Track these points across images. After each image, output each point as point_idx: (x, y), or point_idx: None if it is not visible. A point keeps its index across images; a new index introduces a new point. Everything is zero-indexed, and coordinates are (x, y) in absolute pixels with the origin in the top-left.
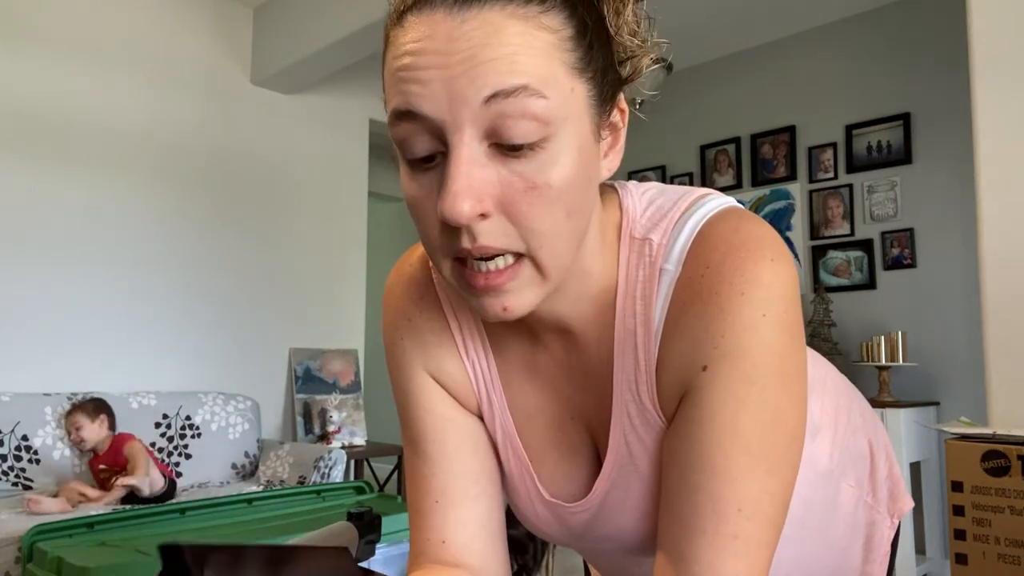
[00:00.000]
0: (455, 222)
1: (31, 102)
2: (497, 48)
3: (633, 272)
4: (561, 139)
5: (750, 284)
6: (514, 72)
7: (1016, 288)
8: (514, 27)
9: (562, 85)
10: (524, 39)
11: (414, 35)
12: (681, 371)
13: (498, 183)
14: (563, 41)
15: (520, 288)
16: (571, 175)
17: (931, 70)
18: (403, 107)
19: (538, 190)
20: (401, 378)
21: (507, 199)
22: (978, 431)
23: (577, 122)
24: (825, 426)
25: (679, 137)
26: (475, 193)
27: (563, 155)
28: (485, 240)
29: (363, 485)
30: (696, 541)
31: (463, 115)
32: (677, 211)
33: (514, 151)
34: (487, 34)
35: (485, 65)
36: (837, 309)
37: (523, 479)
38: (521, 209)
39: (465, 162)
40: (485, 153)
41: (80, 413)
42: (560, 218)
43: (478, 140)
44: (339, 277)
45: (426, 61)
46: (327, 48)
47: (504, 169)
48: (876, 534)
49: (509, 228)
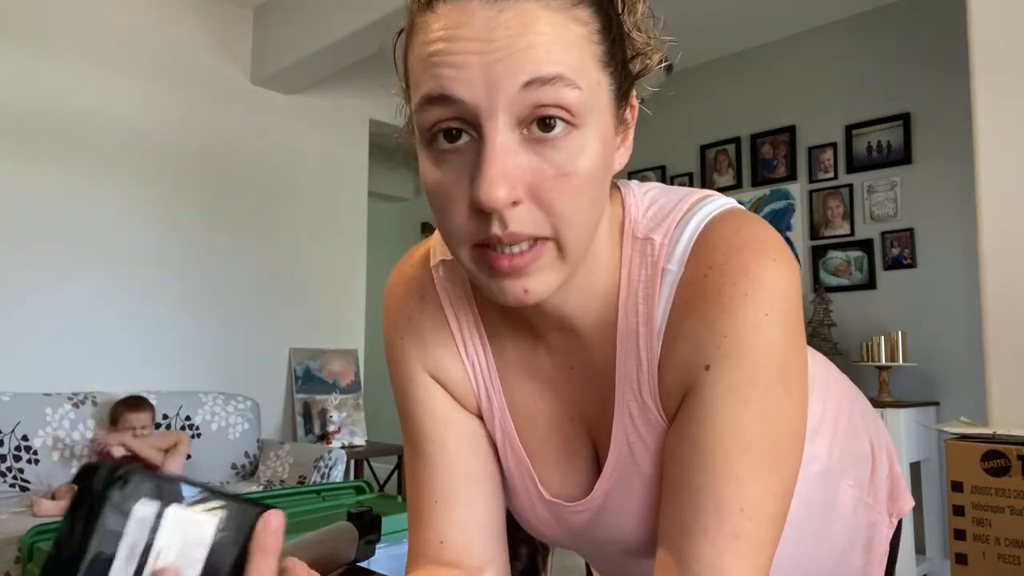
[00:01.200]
0: (492, 207)
1: (30, 102)
2: (533, 37)
3: (636, 272)
4: (589, 129)
5: (753, 284)
6: (551, 61)
7: (1016, 288)
8: (549, 18)
9: (591, 77)
10: (558, 30)
11: (448, 21)
12: (684, 370)
13: (529, 170)
14: (592, 34)
15: (541, 270)
16: (596, 164)
17: (931, 70)
18: (437, 91)
19: (567, 177)
20: (401, 378)
21: (537, 186)
22: (978, 431)
23: (601, 114)
24: (825, 426)
25: (679, 137)
26: (510, 180)
27: (590, 144)
28: (515, 227)
29: (363, 485)
30: (697, 541)
31: (499, 101)
32: (679, 212)
33: (545, 139)
34: (524, 23)
35: (523, 52)
36: (837, 309)
37: (522, 479)
38: (552, 196)
39: (500, 148)
40: (517, 140)
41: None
42: (585, 204)
43: (511, 127)
44: (339, 277)
45: (463, 47)
46: (327, 48)
47: (535, 156)
48: (876, 534)
49: (538, 214)
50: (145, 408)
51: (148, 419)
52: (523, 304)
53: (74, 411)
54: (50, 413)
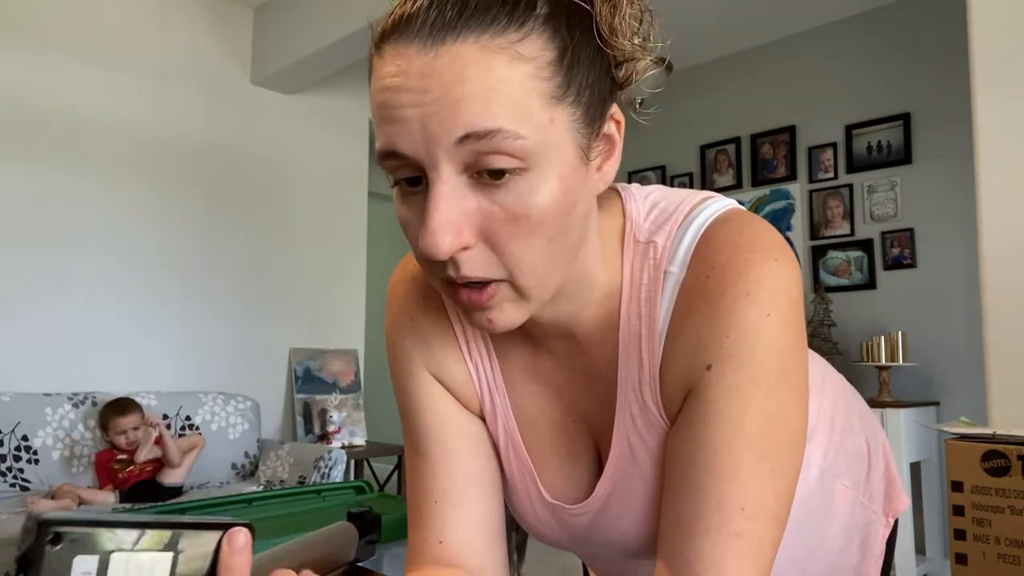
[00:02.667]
0: (435, 257)
1: (30, 101)
2: (469, 85)
3: (637, 275)
4: (541, 169)
5: (755, 285)
6: (487, 114)
7: (1016, 288)
8: (487, 62)
9: (539, 118)
10: (497, 74)
11: (391, 69)
12: (685, 371)
13: (479, 213)
14: (540, 69)
15: (501, 305)
16: (551, 202)
17: (931, 70)
18: (384, 147)
19: (518, 220)
20: (403, 378)
21: (488, 229)
22: (978, 431)
23: (558, 149)
24: (822, 426)
25: (679, 137)
26: (454, 228)
27: (542, 184)
28: (467, 270)
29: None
30: (699, 540)
31: (438, 153)
32: (680, 214)
33: (494, 181)
34: (460, 69)
35: (456, 105)
36: (837, 309)
37: (524, 480)
38: (502, 239)
39: (443, 198)
40: (465, 184)
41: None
42: (540, 245)
43: (457, 173)
44: (339, 277)
45: (401, 99)
46: (327, 48)
47: (485, 199)
48: (872, 534)
49: (491, 256)
50: (132, 410)
51: (137, 420)
52: (493, 332)
53: (74, 411)
54: (50, 413)
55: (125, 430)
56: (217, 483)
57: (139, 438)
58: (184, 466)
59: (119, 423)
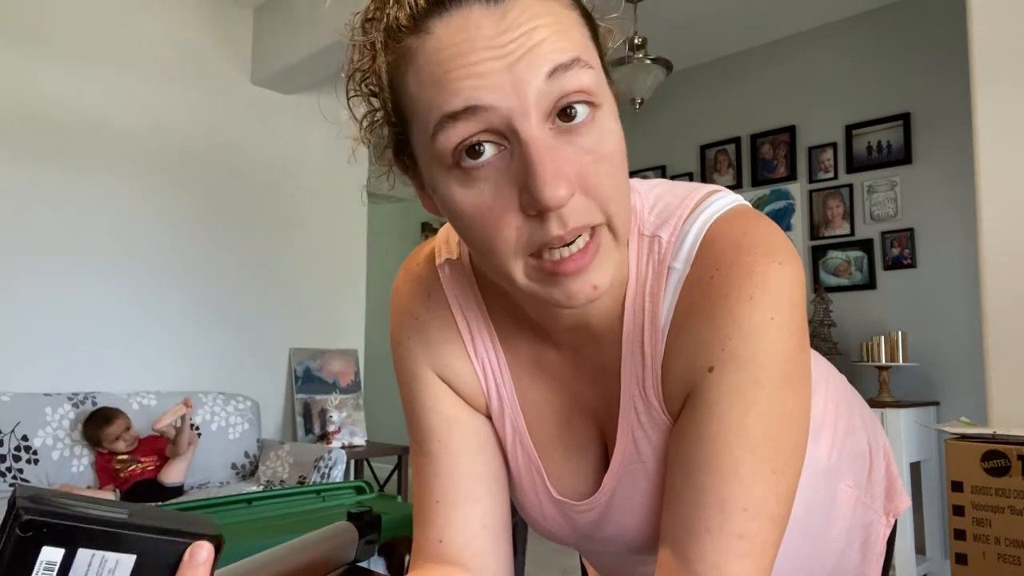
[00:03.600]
0: (558, 205)
1: (30, 102)
2: (544, 29)
3: (643, 269)
4: (605, 108)
5: (759, 288)
6: (566, 47)
7: (1016, 288)
8: (550, 8)
9: (594, 56)
10: (561, 17)
11: (453, 37)
12: (687, 371)
13: (572, 161)
14: (582, 17)
15: (602, 261)
16: (620, 140)
17: (931, 70)
18: (462, 104)
19: (604, 160)
20: (407, 377)
21: (582, 175)
22: (978, 431)
23: (608, 91)
24: (825, 427)
25: (679, 137)
26: (563, 175)
27: (609, 122)
28: (574, 221)
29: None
30: (701, 541)
31: (530, 98)
32: (685, 209)
33: (573, 127)
34: (531, 17)
35: (540, 45)
36: (837, 309)
37: (531, 477)
38: (598, 181)
39: (546, 146)
40: (552, 135)
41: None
42: (623, 181)
43: (543, 123)
44: (339, 277)
45: (477, 56)
46: (327, 48)
47: (570, 147)
48: (872, 534)
49: (589, 203)
50: (114, 415)
51: (125, 424)
52: (591, 300)
53: (74, 411)
54: (50, 413)
55: (119, 435)
56: (217, 483)
57: (136, 436)
58: (181, 464)
59: (109, 432)
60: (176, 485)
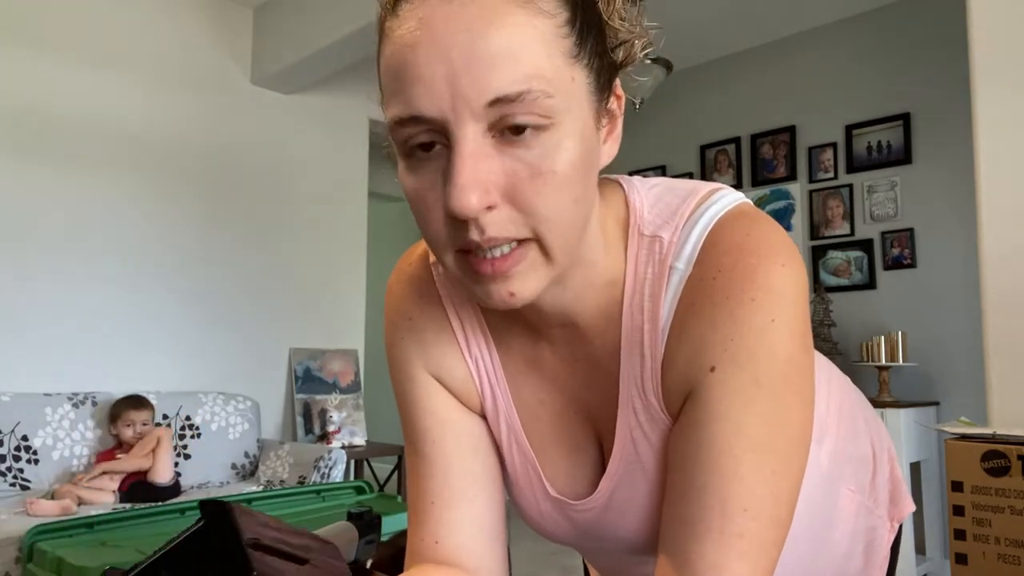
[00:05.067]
0: (464, 215)
1: (30, 102)
2: (497, 40)
3: (642, 269)
4: (564, 127)
5: (761, 290)
6: (517, 75)
7: (1016, 288)
8: (513, 14)
9: (563, 76)
10: (524, 29)
11: (411, 24)
12: (688, 371)
13: (503, 172)
14: (560, 27)
15: (526, 272)
16: (575, 161)
17: (931, 70)
18: (406, 113)
19: (543, 177)
20: (401, 378)
21: (513, 188)
22: (978, 431)
23: (579, 108)
24: (828, 429)
25: (679, 137)
26: (482, 185)
27: (566, 141)
28: (493, 231)
29: (363, 485)
30: (701, 541)
31: (466, 114)
32: (687, 208)
33: (517, 138)
34: (487, 22)
35: (485, 64)
36: (837, 309)
37: (527, 475)
38: (528, 196)
39: (470, 155)
40: (490, 143)
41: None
42: (567, 203)
43: (482, 133)
44: (339, 277)
45: (425, 55)
46: (327, 48)
47: (509, 158)
48: (876, 538)
49: (516, 216)
50: (147, 407)
51: (148, 416)
52: (510, 307)
53: (74, 411)
54: (50, 413)
55: (134, 422)
56: (217, 483)
57: (145, 433)
58: (160, 462)
59: (130, 415)
60: (169, 483)
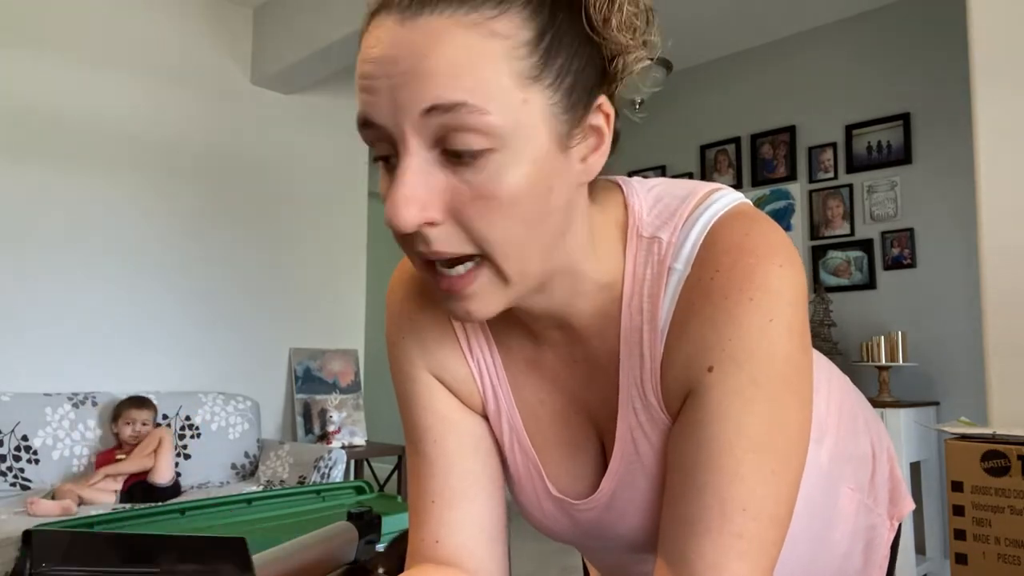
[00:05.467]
0: (397, 229)
1: (30, 102)
2: (438, 59)
3: (640, 270)
4: (510, 150)
5: (759, 290)
6: (454, 87)
7: (1016, 288)
8: (460, 36)
9: (510, 96)
10: (469, 50)
11: (371, 41)
12: (686, 371)
13: (447, 190)
14: (516, 48)
15: (482, 293)
16: (522, 186)
17: (931, 70)
18: (360, 116)
19: (485, 200)
20: (402, 377)
21: (456, 207)
22: (978, 431)
23: (531, 131)
24: (828, 428)
25: (679, 137)
26: (419, 201)
27: (512, 167)
28: (437, 246)
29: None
30: (701, 541)
31: (405, 125)
32: (686, 209)
33: (461, 160)
34: (430, 42)
35: (424, 77)
36: (837, 309)
37: (529, 475)
38: (471, 216)
39: (410, 171)
40: (436, 160)
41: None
42: (514, 227)
43: (427, 148)
44: (339, 277)
45: (375, 70)
46: (327, 48)
47: (454, 177)
48: (876, 537)
49: (460, 234)
50: (148, 406)
51: (150, 416)
52: (471, 322)
53: (74, 411)
54: (50, 413)
55: (134, 420)
56: (217, 483)
57: (146, 433)
58: (161, 463)
59: (131, 413)
60: (169, 484)
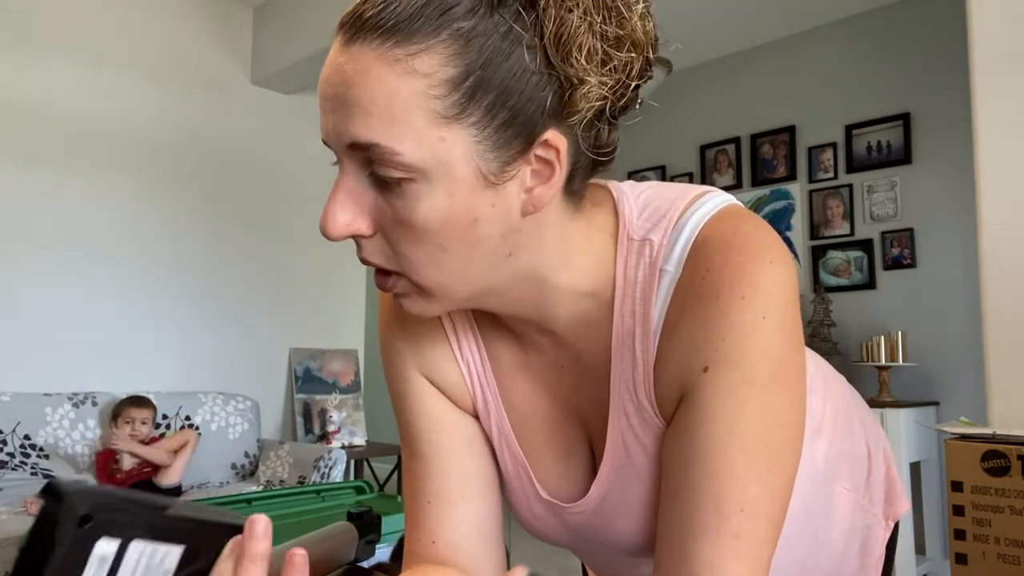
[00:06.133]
0: (326, 235)
1: (31, 102)
2: (359, 92)
3: (632, 273)
4: (429, 183)
5: (750, 288)
6: (367, 128)
7: (1016, 288)
8: (379, 72)
9: (424, 135)
10: (384, 86)
11: (327, 59)
12: (680, 372)
13: (375, 208)
14: (434, 87)
15: (408, 298)
16: (436, 216)
17: (931, 70)
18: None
19: (403, 225)
20: (396, 379)
21: (382, 225)
22: (978, 431)
23: (448, 167)
24: (822, 429)
25: (679, 137)
26: (348, 213)
27: (427, 198)
28: (365, 254)
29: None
30: (697, 541)
31: (339, 147)
32: (675, 211)
33: (387, 185)
34: (355, 75)
35: (346, 112)
36: (837, 309)
37: (519, 478)
38: (393, 237)
39: (342, 187)
40: (367, 180)
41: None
42: (431, 252)
43: (359, 168)
44: (339, 277)
45: (324, 91)
46: (327, 48)
47: (380, 198)
48: (871, 537)
49: (386, 248)
50: (148, 405)
51: (149, 415)
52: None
53: (74, 411)
54: (50, 413)
55: (133, 419)
56: (217, 483)
57: (145, 433)
58: (177, 465)
59: (130, 412)
60: (173, 487)
